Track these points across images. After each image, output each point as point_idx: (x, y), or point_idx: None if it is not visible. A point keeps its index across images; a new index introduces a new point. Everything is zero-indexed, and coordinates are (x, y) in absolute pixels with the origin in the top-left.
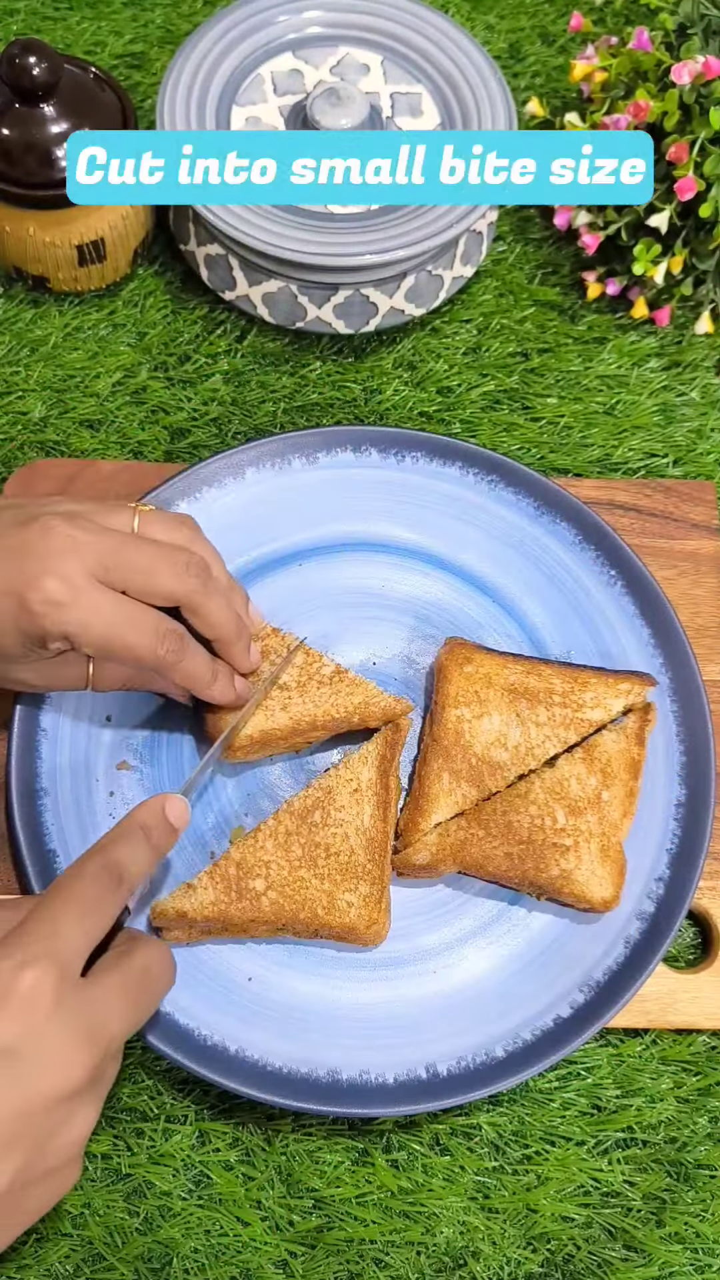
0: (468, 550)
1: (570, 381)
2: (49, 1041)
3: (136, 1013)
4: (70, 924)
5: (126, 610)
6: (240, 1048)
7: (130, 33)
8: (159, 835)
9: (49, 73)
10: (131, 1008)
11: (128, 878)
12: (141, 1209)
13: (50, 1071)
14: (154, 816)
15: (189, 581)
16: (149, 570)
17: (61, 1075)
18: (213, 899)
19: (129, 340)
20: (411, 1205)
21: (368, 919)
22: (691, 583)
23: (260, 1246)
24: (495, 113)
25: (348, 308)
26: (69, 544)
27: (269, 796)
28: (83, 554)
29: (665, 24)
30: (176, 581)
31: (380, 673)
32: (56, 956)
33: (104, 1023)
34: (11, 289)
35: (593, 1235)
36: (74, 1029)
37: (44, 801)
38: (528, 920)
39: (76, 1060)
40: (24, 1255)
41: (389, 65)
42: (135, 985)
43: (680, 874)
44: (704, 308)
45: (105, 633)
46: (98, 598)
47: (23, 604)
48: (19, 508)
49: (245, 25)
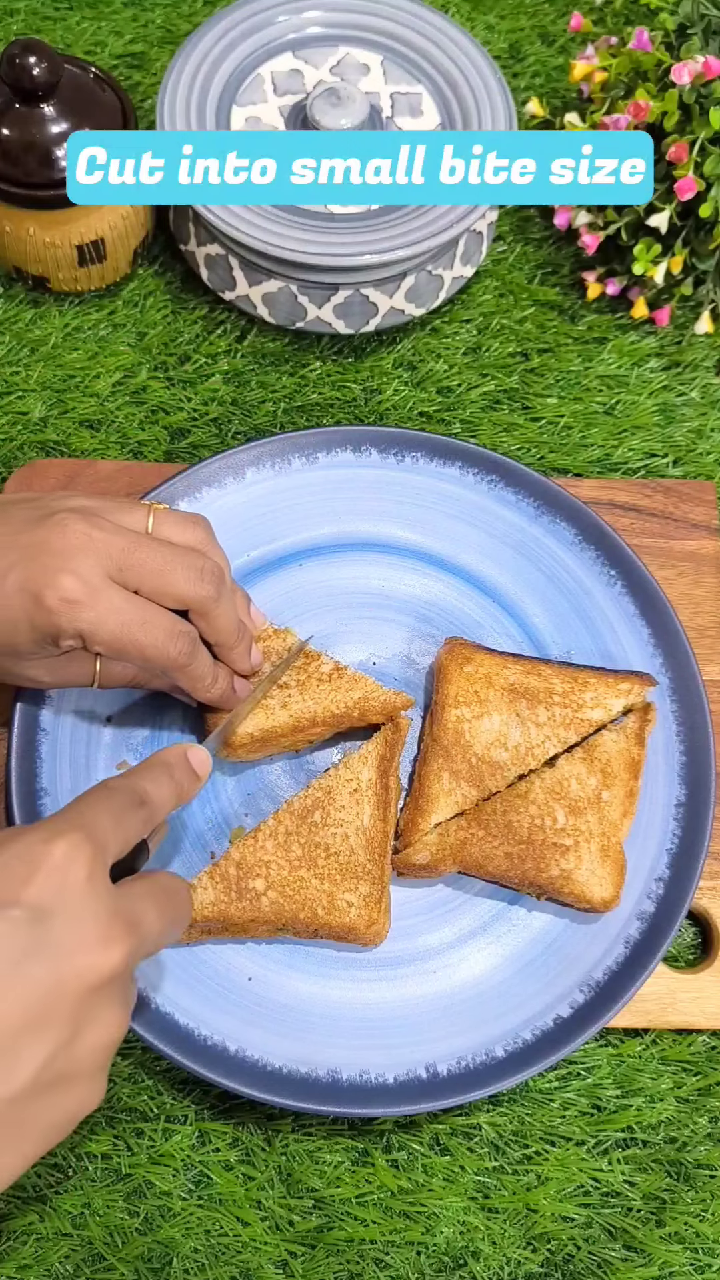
0: (468, 550)
1: (570, 381)
2: (85, 913)
3: (164, 924)
4: (101, 815)
5: (141, 611)
6: (240, 1048)
7: (130, 33)
8: (181, 774)
9: (49, 73)
10: (160, 917)
11: (150, 802)
12: (141, 1209)
13: (84, 947)
14: (176, 757)
15: (203, 587)
16: (163, 572)
17: (98, 955)
18: (213, 899)
19: (129, 340)
20: (411, 1205)
21: (367, 919)
22: (691, 583)
23: (260, 1246)
24: (495, 113)
25: (348, 308)
26: (85, 542)
27: (269, 796)
28: (99, 552)
29: (665, 24)
30: (190, 586)
31: (380, 673)
32: (90, 833)
33: (138, 916)
34: (11, 289)
35: (593, 1235)
36: (110, 907)
37: (44, 801)
38: (528, 920)
39: (113, 939)
40: (24, 1255)
41: (389, 65)
42: (164, 898)
43: (680, 874)
44: (704, 308)
45: (119, 632)
46: (113, 597)
47: (38, 601)
48: (32, 502)
49: (245, 25)
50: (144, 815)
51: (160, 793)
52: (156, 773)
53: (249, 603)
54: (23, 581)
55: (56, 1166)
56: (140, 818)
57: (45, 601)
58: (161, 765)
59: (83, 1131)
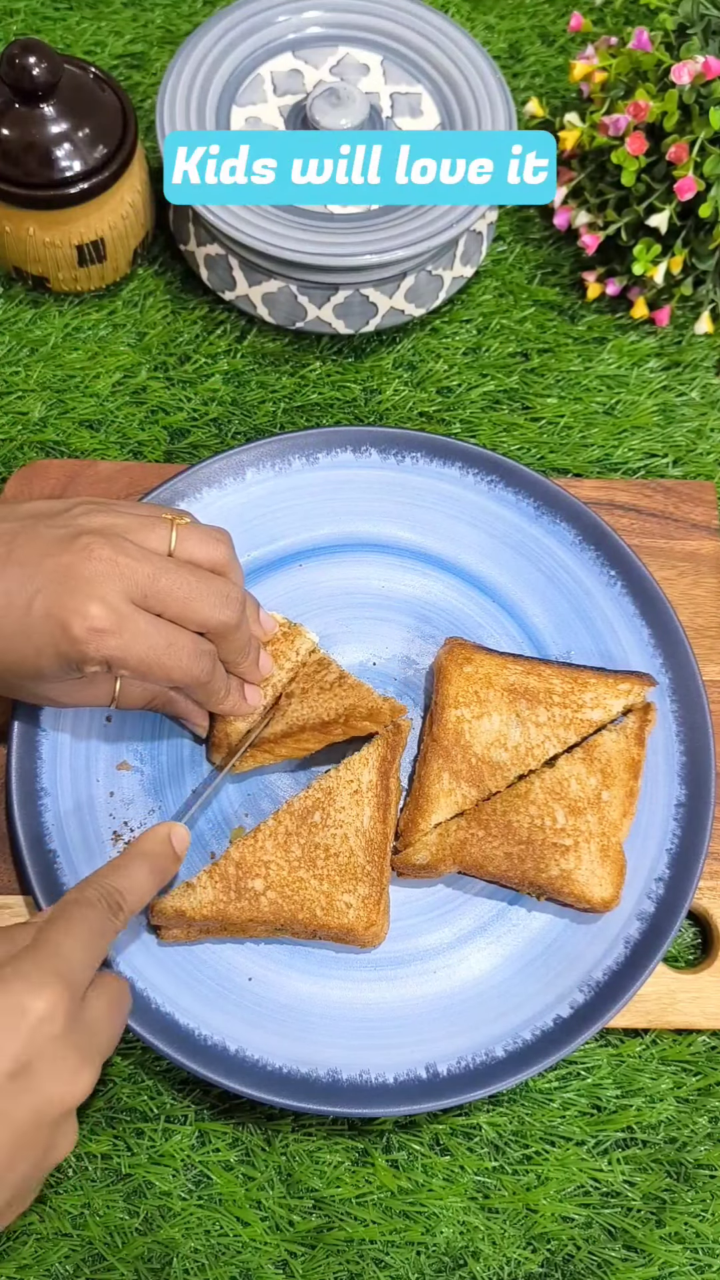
0: (468, 550)
1: (570, 381)
2: (59, 1056)
3: (116, 1036)
4: (76, 950)
5: (167, 636)
6: (240, 1048)
7: (130, 33)
8: (162, 862)
9: (49, 73)
10: (114, 1031)
11: (127, 905)
12: (141, 1209)
13: (59, 1082)
14: (159, 844)
15: (226, 614)
16: (188, 600)
17: (68, 1086)
18: (212, 898)
19: (129, 340)
20: (411, 1205)
21: (366, 920)
22: (691, 583)
23: (260, 1246)
24: (495, 113)
25: (348, 308)
26: (111, 569)
27: (269, 797)
28: (125, 579)
29: (665, 24)
30: (214, 612)
31: (380, 673)
32: (66, 980)
33: (100, 1042)
34: (11, 289)
35: (593, 1235)
36: (81, 1049)
37: (44, 801)
38: (528, 920)
39: (82, 1070)
40: (24, 1255)
41: (389, 65)
42: (116, 1008)
43: (680, 874)
44: (704, 308)
45: (146, 658)
46: (139, 623)
47: (65, 630)
48: (56, 517)
49: (245, 25)
50: (119, 923)
51: (138, 889)
52: (135, 869)
53: (259, 610)
54: (49, 608)
55: (56, 1166)
56: (114, 929)
57: (72, 630)
58: (141, 858)
59: (83, 1131)
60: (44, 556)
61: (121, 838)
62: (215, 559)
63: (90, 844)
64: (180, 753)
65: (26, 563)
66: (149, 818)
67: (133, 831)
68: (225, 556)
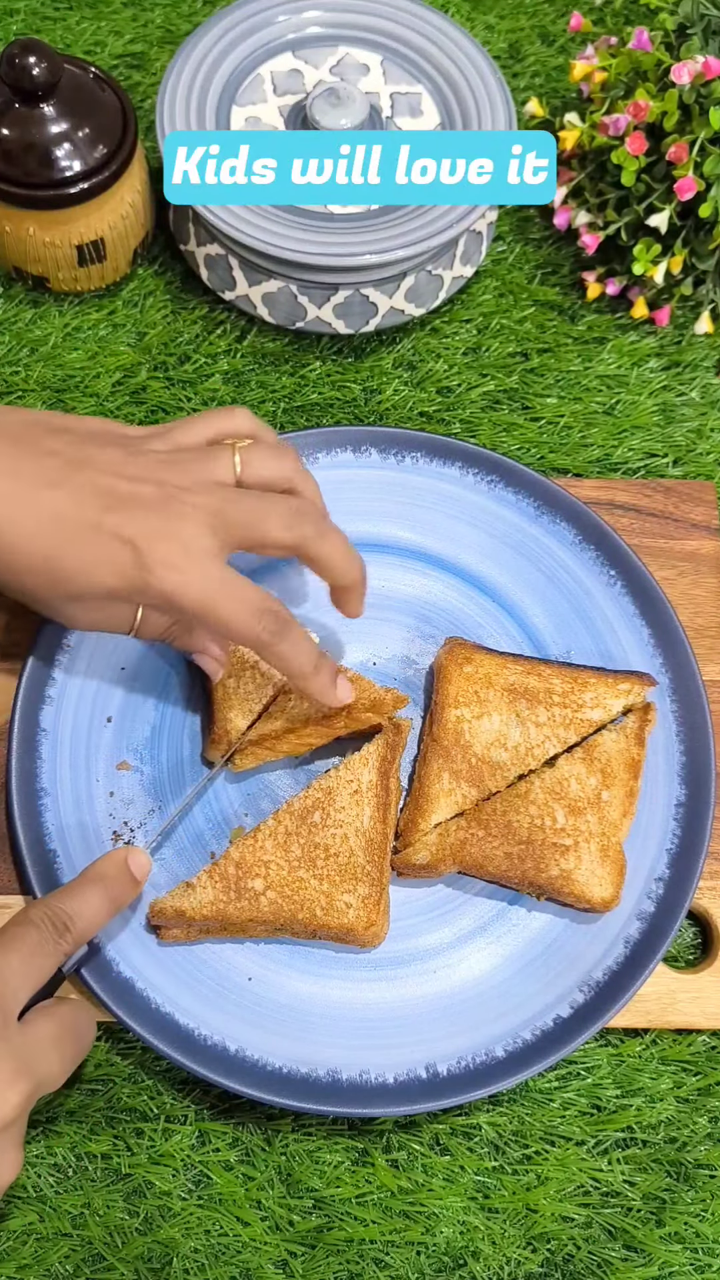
0: (468, 550)
1: (570, 381)
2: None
3: (63, 1064)
4: (12, 968)
5: (231, 583)
6: (240, 1048)
7: (130, 33)
8: (117, 887)
9: (49, 73)
10: (59, 1058)
11: (75, 928)
12: (141, 1209)
13: None
14: (114, 867)
15: (301, 529)
16: (255, 524)
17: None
18: (211, 898)
19: (129, 340)
20: (411, 1205)
21: (366, 920)
22: (691, 583)
23: (260, 1246)
24: (495, 113)
25: (348, 308)
26: (188, 510)
27: (269, 796)
28: (198, 520)
29: (665, 24)
30: (287, 532)
31: (380, 673)
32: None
33: (36, 1065)
34: (11, 289)
35: (593, 1235)
36: (11, 1065)
37: (44, 801)
38: (528, 920)
39: (9, 1095)
40: (24, 1255)
41: (389, 65)
42: (66, 1037)
43: (680, 874)
44: (704, 308)
45: (203, 599)
46: (209, 566)
47: (139, 558)
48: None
49: (245, 25)
50: (66, 945)
51: (89, 913)
52: (88, 892)
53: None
54: (126, 533)
55: (56, 1166)
56: (62, 947)
57: (146, 560)
58: (94, 882)
59: (83, 1131)
60: (116, 479)
61: (121, 838)
62: (285, 473)
63: (90, 844)
64: (180, 753)
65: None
66: (149, 818)
67: (133, 832)
68: (292, 469)
